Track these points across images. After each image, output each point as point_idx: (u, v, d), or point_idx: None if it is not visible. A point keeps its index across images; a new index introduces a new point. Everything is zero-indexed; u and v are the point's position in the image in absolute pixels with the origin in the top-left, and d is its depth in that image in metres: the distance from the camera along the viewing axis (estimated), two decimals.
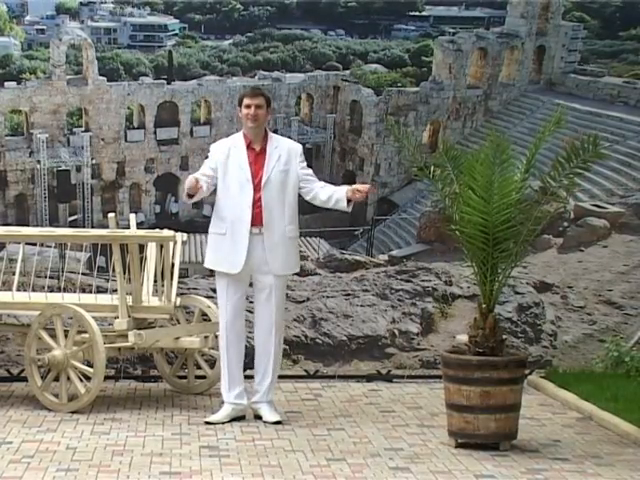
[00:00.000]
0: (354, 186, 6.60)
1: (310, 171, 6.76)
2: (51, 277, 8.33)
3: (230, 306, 6.63)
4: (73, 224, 44.17)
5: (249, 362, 6.84)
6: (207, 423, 6.56)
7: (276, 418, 6.60)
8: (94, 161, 48.75)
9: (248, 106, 6.57)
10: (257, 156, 6.61)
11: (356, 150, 53.74)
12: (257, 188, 6.54)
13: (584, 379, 7.86)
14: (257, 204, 6.53)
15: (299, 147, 6.84)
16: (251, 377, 6.85)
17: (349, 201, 6.56)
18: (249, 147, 6.63)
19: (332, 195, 6.62)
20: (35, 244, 8.08)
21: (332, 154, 55.24)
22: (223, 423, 6.56)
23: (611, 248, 13.01)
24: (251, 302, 6.95)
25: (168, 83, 53.81)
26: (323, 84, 55.16)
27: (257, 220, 6.53)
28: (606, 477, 5.58)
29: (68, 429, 6.41)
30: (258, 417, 6.69)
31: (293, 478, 5.47)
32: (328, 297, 9.42)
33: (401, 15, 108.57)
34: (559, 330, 9.62)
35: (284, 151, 6.66)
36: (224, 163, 6.60)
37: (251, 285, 6.80)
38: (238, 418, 6.67)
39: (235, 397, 6.68)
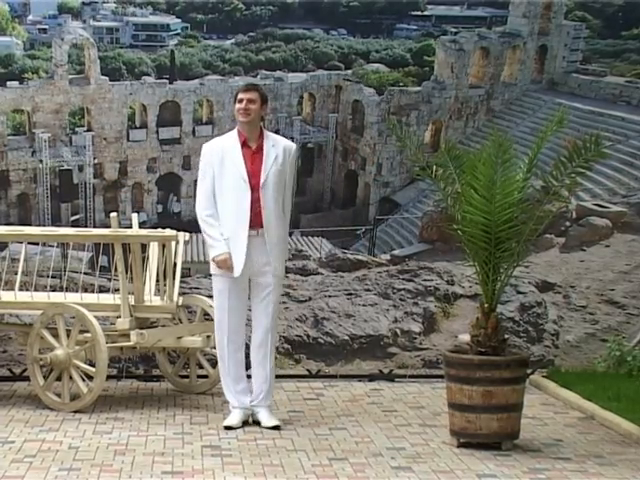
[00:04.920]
0: None
1: (290, 193, 6.62)
2: (53, 276, 8.33)
3: (231, 310, 6.51)
4: (75, 224, 44.19)
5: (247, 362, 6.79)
6: (227, 428, 6.43)
7: (274, 423, 6.50)
8: (96, 160, 48.81)
9: (240, 100, 6.44)
10: (254, 155, 6.46)
11: (358, 150, 53.74)
12: (255, 188, 6.41)
13: (586, 379, 7.86)
14: (256, 204, 6.42)
15: (294, 148, 6.68)
16: (249, 376, 6.79)
17: None
18: (245, 145, 6.48)
19: None
20: (37, 244, 8.08)
21: (334, 154, 55.24)
22: (237, 428, 6.46)
23: (613, 247, 13.00)
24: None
25: (170, 83, 53.85)
26: (325, 84, 55.16)
27: (256, 221, 6.42)
28: (608, 477, 5.58)
29: (70, 428, 6.42)
30: (256, 422, 6.56)
31: (295, 477, 5.47)
32: (330, 296, 9.42)
33: (403, 15, 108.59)
34: (561, 329, 9.62)
35: (280, 150, 6.51)
36: (219, 165, 6.45)
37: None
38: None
39: (243, 401, 6.58)
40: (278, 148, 6.52)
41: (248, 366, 6.74)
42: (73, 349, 6.91)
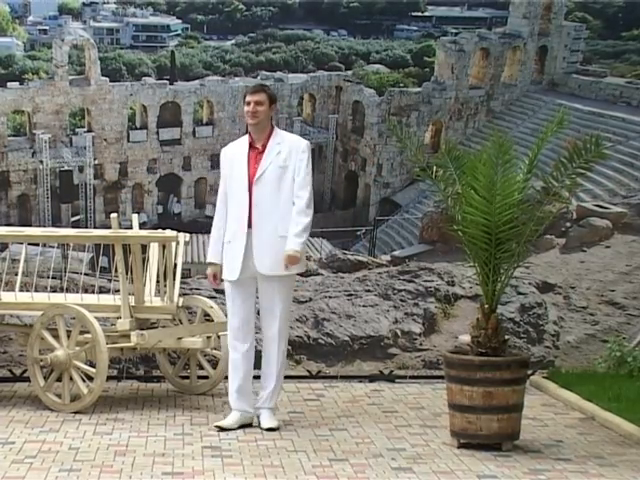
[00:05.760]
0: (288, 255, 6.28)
1: (300, 181, 6.35)
2: (54, 277, 8.33)
3: (235, 312, 6.48)
4: (75, 224, 44.17)
5: (257, 363, 6.76)
6: (217, 427, 6.43)
7: (269, 425, 6.45)
8: (97, 161, 48.84)
9: (248, 103, 6.40)
10: (258, 154, 6.41)
11: (358, 150, 53.76)
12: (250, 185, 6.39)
13: (586, 379, 7.86)
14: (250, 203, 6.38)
15: (302, 143, 6.49)
16: (258, 377, 6.77)
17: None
18: (252, 146, 6.45)
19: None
20: (38, 244, 8.08)
21: (334, 154, 55.26)
22: (232, 429, 6.44)
23: (614, 248, 12.98)
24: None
25: (171, 83, 53.91)
26: (325, 84, 55.20)
27: (251, 220, 6.38)
28: (609, 477, 5.58)
29: (71, 429, 6.42)
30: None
31: (295, 478, 5.47)
32: (330, 297, 9.42)
33: (403, 15, 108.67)
34: (561, 330, 9.61)
35: (286, 147, 6.41)
36: (229, 168, 6.48)
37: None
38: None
39: (242, 405, 6.54)
40: (283, 145, 6.43)
41: (256, 367, 6.68)
42: (73, 350, 6.91)
